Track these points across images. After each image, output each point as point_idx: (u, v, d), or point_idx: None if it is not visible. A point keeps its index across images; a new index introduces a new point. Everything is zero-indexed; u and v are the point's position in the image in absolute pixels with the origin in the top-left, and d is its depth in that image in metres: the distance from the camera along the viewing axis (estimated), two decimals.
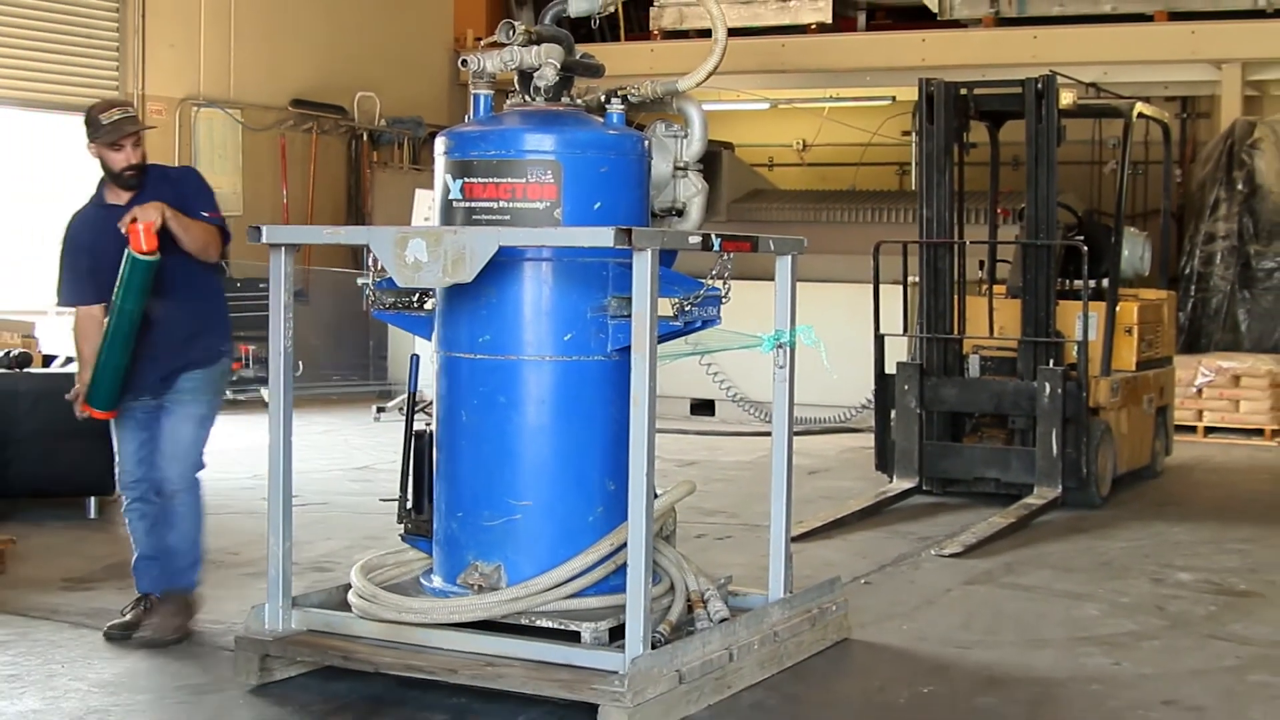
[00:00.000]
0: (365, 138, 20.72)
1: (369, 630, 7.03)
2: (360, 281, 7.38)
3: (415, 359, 7.73)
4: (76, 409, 7.78)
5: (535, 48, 7.31)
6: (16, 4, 16.25)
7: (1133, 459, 13.15)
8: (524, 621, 6.92)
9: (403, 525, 7.65)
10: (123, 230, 7.40)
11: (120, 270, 7.45)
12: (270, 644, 7.05)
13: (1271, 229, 18.48)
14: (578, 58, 7.49)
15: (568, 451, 7.10)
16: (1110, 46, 18.82)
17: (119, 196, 7.81)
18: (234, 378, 17.29)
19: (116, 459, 7.99)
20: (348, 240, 9.68)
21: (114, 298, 7.50)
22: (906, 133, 21.41)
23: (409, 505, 7.62)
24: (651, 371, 6.40)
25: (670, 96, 7.74)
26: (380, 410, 16.92)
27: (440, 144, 7.29)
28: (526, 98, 7.41)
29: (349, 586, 7.29)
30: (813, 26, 20.52)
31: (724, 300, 7.23)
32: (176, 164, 17.73)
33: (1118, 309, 12.70)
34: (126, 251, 7.40)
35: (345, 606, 7.25)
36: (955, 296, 12.78)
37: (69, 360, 12.57)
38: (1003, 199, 14.42)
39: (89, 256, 7.76)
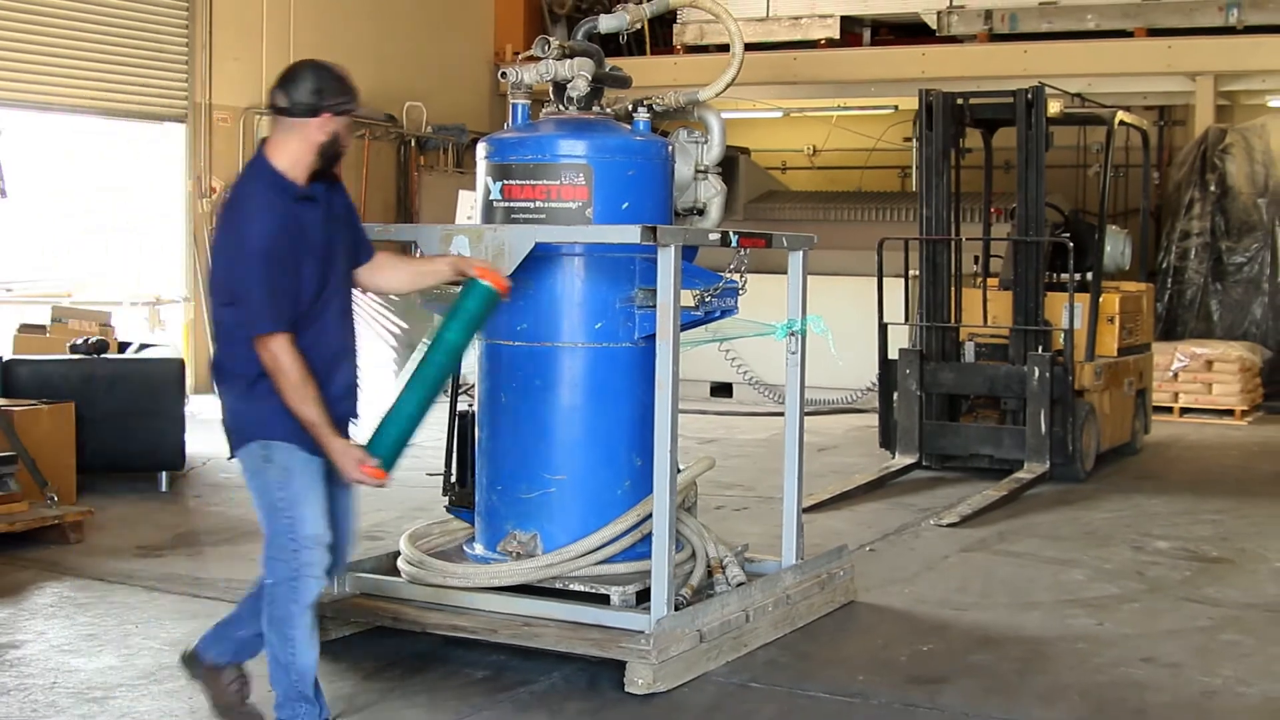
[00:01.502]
0: (413, 143, 20.68)
1: (417, 594, 7.03)
2: None
3: None
4: (360, 475, 5.70)
5: (569, 61, 7.31)
6: (96, 22, 16.23)
7: (1114, 437, 13.11)
8: (558, 585, 6.93)
9: (447, 498, 7.66)
10: (470, 273, 5.94)
11: (461, 300, 5.95)
12: (326, 606, 7.03)
13: (1241, 227, 18.43)
14: (607, 70, 7.49)
15: (598, 430, 7.09)
16: (1094, 60, 18.73)
17: (308, 188, 5.73)
18: None
19: (303, 518, 5.61)
20: (397, 237, 9.62)
21: (441, 329, 5.89)
22: (908, 139, 21.30)
23: (453, 479, 7.64)
24: (675, 357, 6.40)
25: (692, 106, 7.74)
26: None
27: (482, 149, 7.28)
28: (560, 107, 7.41)
29: (398, 553, 7.30)
30: (822, 42, 20.46)
31: (741, 292, 7.22)
32: (240, 169, 17.79)
33: (1101, 300, 12.67)
34: (474, 282, 5.95)
35: (395, 572, 7.25)
36: (952, 288, 12.76)
37: (143, 346, 12.61)
38: (996, 199, 14.35)
39: (290, 265, 5.51)
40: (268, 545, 5.65)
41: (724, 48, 12.53)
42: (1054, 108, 13.08)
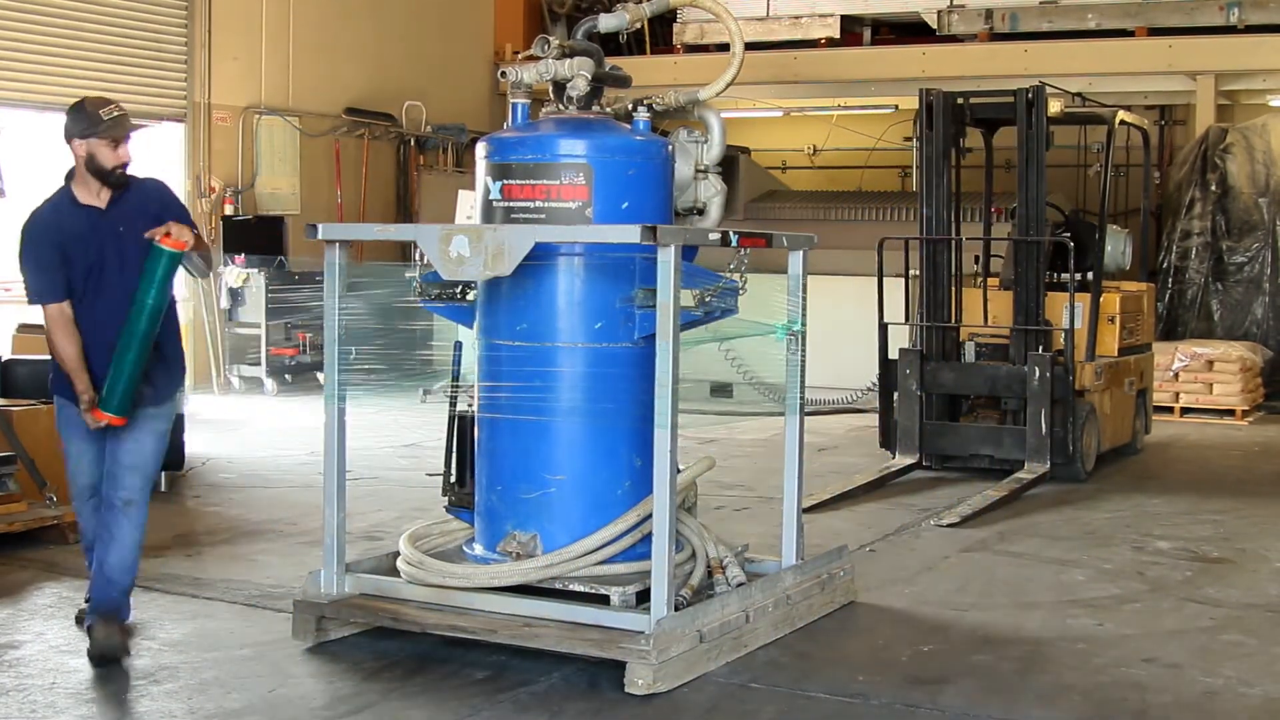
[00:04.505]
0: (413, 143, 20.70)
1: (416, 594, 7.03)
2: (408, 275, 7.36)
3: (458, 346, 7.72)
4: (89, 418, 6.87)
5: (568, 60, 7.31)
6: (96, 22, 16.25)
7: (1115, 437, 13.11)
8: (558, 586, 6.92)
9: (447, 498, 7.65)
10: (153, 239, 6.78)
11: (146, 266, 6.82)
12: (326, 606, 7.05)
13: (1242, 226, 18.45)
14: (607, 70, 7.49)
15: (598, 430, 7.09)
16: (1095, 59, 18.75)
17: (96, 197, 6.98)
18: (292, 363, 17.33)
19: (69, 463, 7.18)
20: (397, 237, 9.67)
21: (139, 294, 6.81)
22: (908, 138, 21.30)
23: (453, 480, 7.62)
24: (675, 357, 6.39)
25: (692, 105, 7.73)
26: (426, 392, 16.85)
27: (481, 149, 7.28)
28: (560, 106, 7.40)
29: (398, 554, 7.29)
30: (822, 41, 20.47)
31: (741, 292, 7.21)
32: (241, 168, 17.82)
33: (1101, 299, 12.68)
34: (154, 246, 6.79)
35: (394, 572, 7.24)
36: (953, 288, 12.75)
37: None
38: (996, 199, 14.36)
39: (59, 254, 6.91)
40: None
41: (724, 47, 12.52)
42: (1054, 107, 13.09)
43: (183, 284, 17.12)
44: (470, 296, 7.40)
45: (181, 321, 16.27)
